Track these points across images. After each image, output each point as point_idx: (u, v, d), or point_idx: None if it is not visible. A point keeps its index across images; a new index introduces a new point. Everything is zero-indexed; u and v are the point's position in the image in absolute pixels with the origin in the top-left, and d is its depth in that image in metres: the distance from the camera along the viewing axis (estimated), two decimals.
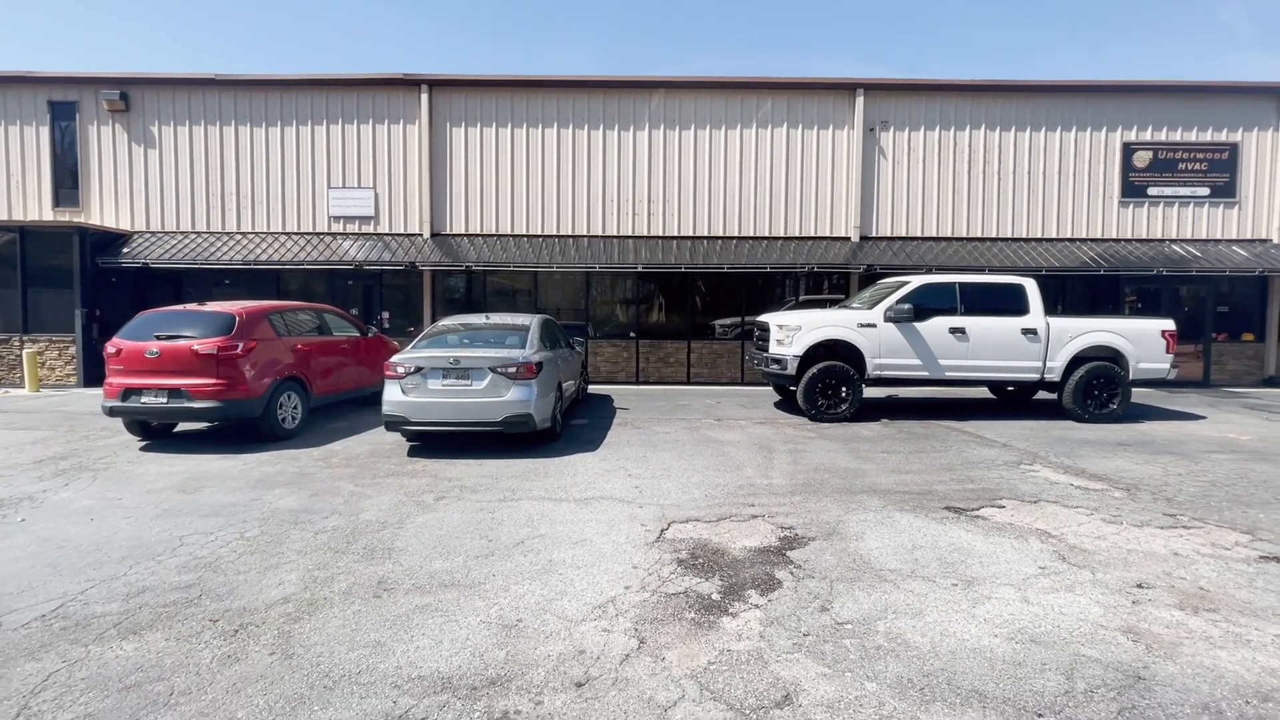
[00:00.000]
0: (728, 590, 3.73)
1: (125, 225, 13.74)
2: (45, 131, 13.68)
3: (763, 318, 10.06)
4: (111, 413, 7.29)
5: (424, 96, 13.60)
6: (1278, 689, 2.77)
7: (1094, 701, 2.66)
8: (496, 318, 8.71)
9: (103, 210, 13.75)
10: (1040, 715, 2.58)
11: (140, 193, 13.78)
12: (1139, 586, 3.79)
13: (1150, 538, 4.60)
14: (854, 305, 10.06)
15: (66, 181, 13.88)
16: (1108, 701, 2.67)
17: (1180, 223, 14.06)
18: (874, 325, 9.10)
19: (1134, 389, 9.57)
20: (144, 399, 7.16)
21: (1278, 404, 11.33)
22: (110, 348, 7.38)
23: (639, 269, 13.14)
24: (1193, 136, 13.94)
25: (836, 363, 9.02)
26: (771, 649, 3.08)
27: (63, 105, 13.71)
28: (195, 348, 7.19)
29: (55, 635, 3.22)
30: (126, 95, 13.56)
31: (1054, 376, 9.20)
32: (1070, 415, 9.20)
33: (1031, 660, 2.98)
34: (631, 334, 13.97)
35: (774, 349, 9.31)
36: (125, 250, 13.01)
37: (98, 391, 11.31)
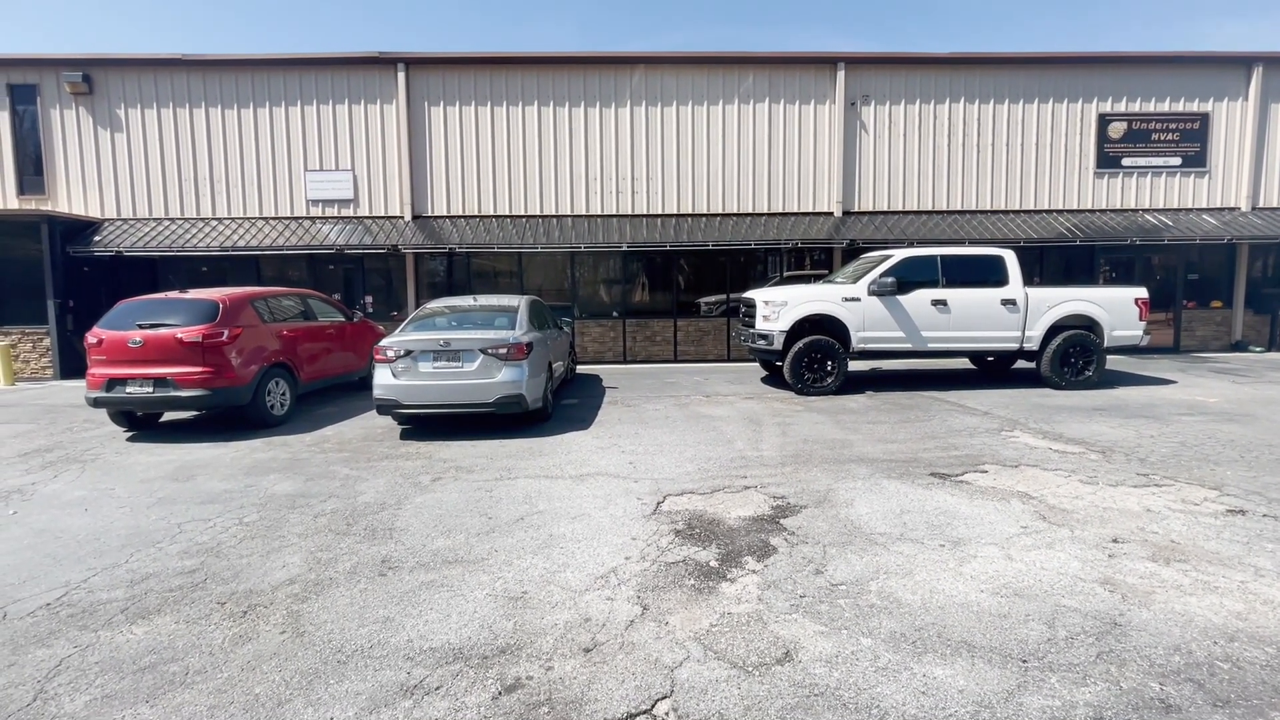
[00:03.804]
0: (725, 557, 3.85)
1: (95, 212, 13.37)
2: (5, 116, 13.19)
3: (748, 294, 10.15)
4: (96, 403, 7.20)
5: (401, 75, 13.32)
6: (1243, 630, 2.96)
7: (1074, 647, 2.83)
8: (485, 299, 8.69)
9: (70, 197, 13.36)
10: (1025, 661, 2.73)
11: (109, 178, 13.39)
12: (1114, 541, 3.98)
13: (1124, 496, 4.81)
14: (838, 280, 10.17)
15: (30, 168, 13.44)
16: (1087, 646, 2.83)
17: (1153, 193, 14.34)
18: (858, 299, 9.24)
19: (1108, 356, 9.85)
20: (129, 389, 7.08)
21: (1244, 368, 11.73)
22: (91, 338, 7.26)
23: (624, 248, 13.13)
24: (1165, 107, 14.16)
25: (822, 337, 9.15)
26: (770, 611, 3.20)
27: (22, 88, 13.21)
28: (180, 336, 7.10)
29: (63, 622, 3.25)
30: (89, 77, 13.10)
31: (1032, 346, 9.43)
32: (1048, 383, 9.46)
33: (1016, 612, 3.14)
34: (617, 314, 13.99)
35: (760, 325, 9.41)
36: (97, 239, 12.69)
37: (77, 383, 11.13)
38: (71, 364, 12.22)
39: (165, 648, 3.00)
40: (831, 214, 14.00)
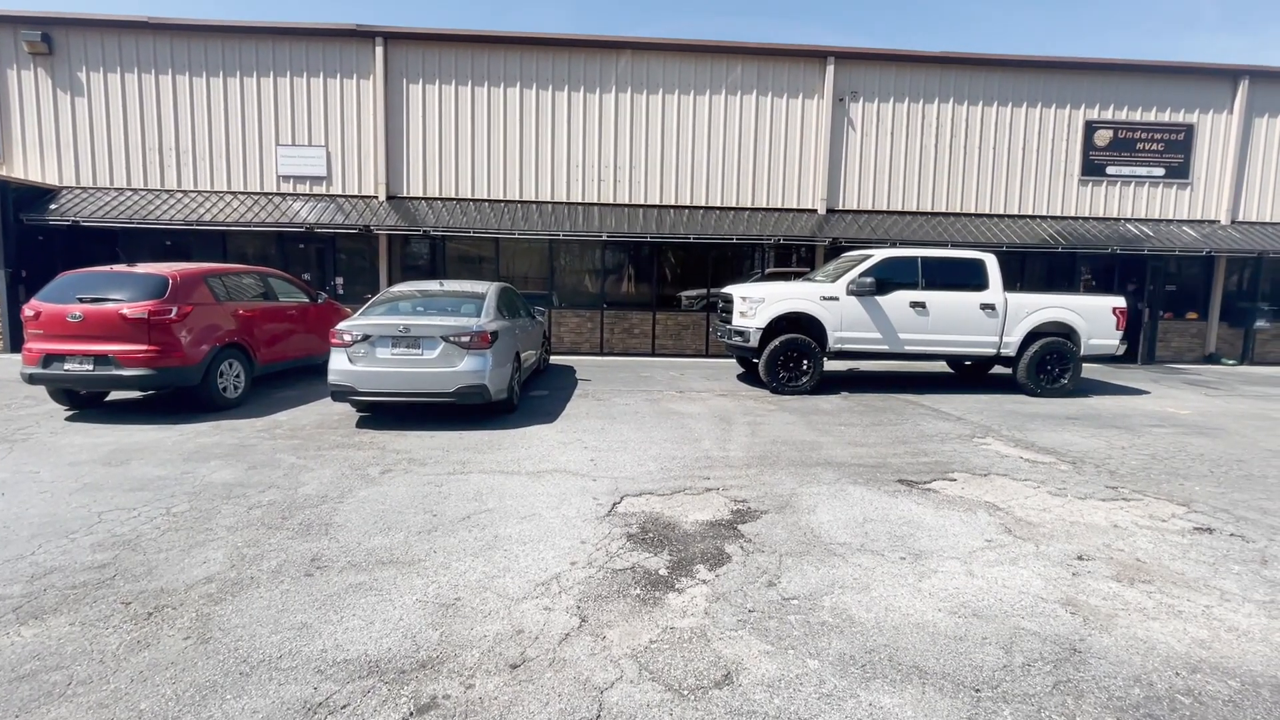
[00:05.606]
0: (675, 565, 3.65)
1: (53, 179, 12.80)
2: None
3: (727, 289, 9.95)
4: (31, 380, 6.82)
5: (379, 50, 12.87)
6: (1206, 660, 2.82)
7: (1031, 675, 2.67)
8: (452, 284, 8.39)
9: (26, 163, 12.77)
10: (978, 690, 2.57)
11: (68, 144, 12.82)
12: (1079, 559, 3.85)
13: (1092, 510, 4.69)
14: (817, 278, 10.01)
15: None
16: (1044, 675, 2.67)
17: (1135, 202, 14.35)
18: (836, 298, 9.08)
19: (1084, 364, 9.81)
20: (67, 366, 6.71)
21: (1217, 380, 11.79)
22: (28, 310, 6.88)
23: (604, 238, 12.85)
24: (1151, 117, 14.14)
25: (798, 336, 8.99)
26: (715, 626, 3.01)
27: None
28: (124, 312, 6.73)
29: None
30: (49, 37, 12.49)
31: (1010, 351, 9.35)
32: (1024, 389, 9.39)
33: (973, 634, 2.98)
34: (596, 304, 13.73)
35: (737, 321, 9.22)
36: (53, 207, 12.14)
37: None
38: (23, 337, 11.68)
39: (52, 653, 2.74)
40: (815, 211, 13.83)
